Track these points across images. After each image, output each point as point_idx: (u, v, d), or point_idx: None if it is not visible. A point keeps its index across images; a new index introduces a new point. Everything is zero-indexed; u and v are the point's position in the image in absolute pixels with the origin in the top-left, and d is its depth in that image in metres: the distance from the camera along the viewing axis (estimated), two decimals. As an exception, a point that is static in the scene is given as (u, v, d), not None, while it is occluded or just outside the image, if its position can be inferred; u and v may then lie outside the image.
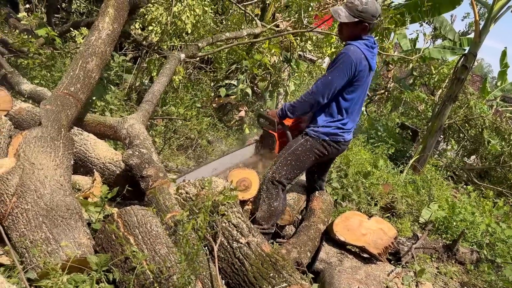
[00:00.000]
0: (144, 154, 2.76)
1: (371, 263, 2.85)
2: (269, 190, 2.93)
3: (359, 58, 2.78)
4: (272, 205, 2.91)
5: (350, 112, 2.94)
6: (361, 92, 2.93)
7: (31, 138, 2.46)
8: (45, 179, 2.22)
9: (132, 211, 2.04)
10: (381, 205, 4.56)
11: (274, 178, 2.93)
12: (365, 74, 2.87)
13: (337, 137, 2.94)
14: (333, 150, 2.98)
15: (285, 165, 2.94)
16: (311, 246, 2.83)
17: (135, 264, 1.79)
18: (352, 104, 2.91)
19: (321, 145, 2.93)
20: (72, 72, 3.06)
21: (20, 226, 2.03)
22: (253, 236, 2.20)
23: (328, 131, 2.92)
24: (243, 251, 2.13)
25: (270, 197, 2.92)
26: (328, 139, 2.93)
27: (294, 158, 2.94)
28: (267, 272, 2.05)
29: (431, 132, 7.46)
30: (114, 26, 3.41)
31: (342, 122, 2.93)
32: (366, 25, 2.84)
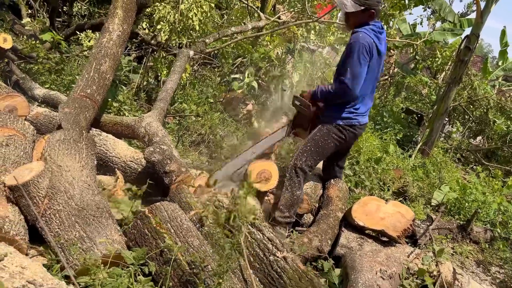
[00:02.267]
0: (165, 150, 2.82)
1: (391, 246, 2.92)
2: (292, 178, 3.03)
3: (370, 43, 2.83)
4: (295, 193, 3.01)
5: (362, 96, 2.98)
6: (371, 76, 2.96)
7: (55, 142, 2.53)
8: (73, 180, 2.29)
9: (162, 207, 2.11)
10: (393, 190, 4.62)
11: (296, 166, 3.03)
12: (374, 60, 2.91)
13: (351, 120, 3.01)
14: (349, 134, 3.05)
15: (305, 151, 3.05)
16: (331, 234, 2.90)
17: (170, 256, 1.86)
18: (363, 88, 2.94)
19: (337, 130, 3.02)
20: (87, 75, 3.12)
21: (54, 227, 2.10)
22: (287, 252, 2.24)
23: (342, 116, 3.00)
24: (281, 265, 2.15)
25: (293, 185, 3.02)
26: (343, 123, 3.01)
27: (313, 144, 3.04)
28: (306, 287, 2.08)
29: (437, 115, 7.48)
30: (124, 27, 3.46)
31: (354, 107, 3.00)
32: (373, 12, 2.89)
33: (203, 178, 2.80)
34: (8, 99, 3.24)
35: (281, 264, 2.20)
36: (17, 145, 2.41)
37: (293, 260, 2.23)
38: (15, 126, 2.50)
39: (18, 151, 2.39)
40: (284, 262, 2.20)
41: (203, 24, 4.38)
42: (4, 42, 4.31)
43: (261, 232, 2.30)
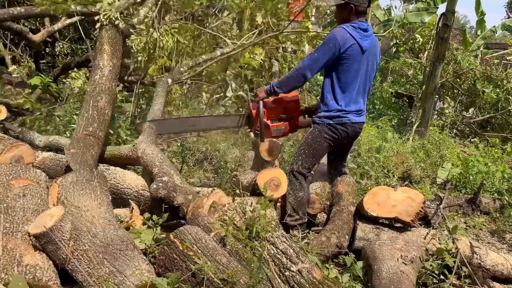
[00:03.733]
0: (167, 182, 2.89)
1: (406, 231, 3.00)
2: (292, 182, 3.14)
3: (344, 37, 2.92)
4: (298, 195, 3.12)
5: (349, 93, 3.04)
6: (356, 72, 3.01)
7: (68, 184, 2.59)
8: (93, 219, 2.35)
9: (186, 230, 2.19)
10: (398, 176, 4.71)
11: (293, 170, 3.15)
12: (356, 54, 2.97)
13: (341, 119, 3.06)
14: (341, 132, 3.10)
15: (300, 155, 3.15)
16: (347, 229, 2.99)
17: (202, 276, 1.93)
18: (348, 85, 3.01)
19: (328, 129, 3.08)
20: (87, 113, 3.19)
21: (84, 267, 2.16)
22: (302, 263, 2.29)
23: (330, 115, 3.07)
24: (296, 280, 2.22)
25: (294, 188, 3.13)
26: (333, 122, 3.07)
27: (306, 147, 3.14)
28: None
29: (427, 95, 7.62)
30: (114, 61, 3.54)
31: (342, 107, 3.05)
32: (352, 7, 2.97)
33: (216, 194, 2.87)
34: (13, 149, 3.30)
35: (297, 279, 2.26)
36: (33, 194, 2.47)
37: (308, 271, 2.30)
38: (28, 176, 2.56)
39: (35, 200, 2.45)
40: (299, 276, 2.27)
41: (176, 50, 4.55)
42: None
43: (274, 245, 2.38)
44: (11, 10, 4.86)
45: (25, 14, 4.93)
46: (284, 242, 2.42)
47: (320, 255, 2.77)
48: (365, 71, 3.08)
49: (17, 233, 2.22)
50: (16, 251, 2.14)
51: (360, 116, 3.17)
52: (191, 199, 2.84)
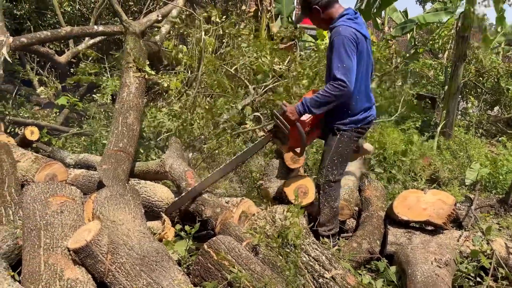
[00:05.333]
0: None
1: (439, 234, 2.96)
2: (328, 193, 2.98)
3: (352, 32, 2.75)
4: (333, 206, 3.00)
5: (365, 89, 2.93)
6: (366, 64, 2.90)
7: (103, 199, 2.67)
8: (129, 232, 2.42)
9: (219, 240, 2.23)
10: (425, 178, 4.65)
11: (330, 180, 2.97)
12: (364, 46, 2.84)
13: (366, 119, 2.98)
14: (367, 129, 3.07)
15: (334, 165, 2.97)
16: (378, 234, 2.97)
17: (238, 285, 1.96)
18: (363, 80, 2.88)
19: (356, 133, 2.97)
20: (116, 130, 3.29)
21: (122, 279, 2.22)
22: (335, 269, 2.28)
23: (356, 119, 2.93)
24: (331, 287, 2.21)
25: (329, 199, 2.99)
26: (360, 124, 2.96)
27: (338, 156, 2.97)
28: None
29: (450, 95, 7.50)
30: (140, 78, 3.64)
31: (363, 106, 2.94)
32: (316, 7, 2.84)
33: (244, 204, 2.91)
34: (47, 168, 3.42)
35: (331, 285, 2.25)
36: (70, 210, 2.56)
37: (342, 277, 2.29)
38: (64, 193, 2.65)
39: (72, 216, 2.54)
40: (333, 283, 2.26)
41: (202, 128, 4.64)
42: (31, 134, 4.59)
43: (306, 252, 2.38)
44: (38, 34, 5.09)
45: (52, 37, 5.15)
46: (315, 249, 2.43)
47: (352, 261, 2.77)
48: (370, 61, 2.98)
49: (57, 248, 2.30)
50: (57, 266, 2.22)
51: (373, 107, 3.09)
52: (219, 212, 2.87)
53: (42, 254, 2.25)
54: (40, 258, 2.23)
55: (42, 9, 8.19)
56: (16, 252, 2.45)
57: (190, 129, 4.54)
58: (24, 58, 7.29)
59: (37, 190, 2.57)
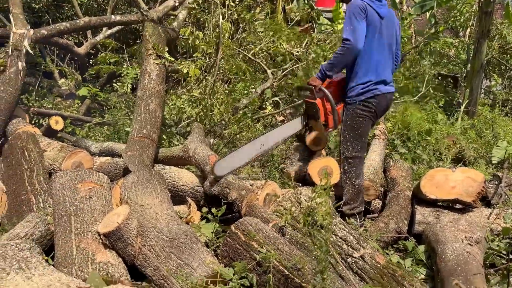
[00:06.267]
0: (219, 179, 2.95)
1: (468, 212, 2.91)
2: (347, 170, 3.03)
3: (362, 4, 2.89)
4: (355, 183, 3.01)
5: (374, 64, 2.97)
6: (379, 41, 2.96)
7: (130, 184, 2.71)
8: (157, 215, 2.44)
9: (246, 222, 2.23)
10: (451, 157, 4.56)
11: (347, 157, 3.03)
12: (376, 21, 2.93)
13: (371, 91, 2.98)
14: (376, 105, 3.01)
15: (347, 140, 3.03)
16: (405, 214, 2.93)
17: (268, 264, 1.96)
18: (372, 56, 2.95)
19: (362, 106, 2.99)
20: (139, 117, 3.31)
21: (152, 261, 2.25)
22: (363, 248, 2.26)
23: (360, 91, 2.98)
24: (360, 266, 2.19)
25: (350, 176, 3.03)
26: (364, 98, 2.98)
27: (349, 130, 3.03)
28: (389, 285, 2.09)
29: (474, 73, 7.30)
30: (160, 65, 3.65)
31: (367, 78, 2.97)
32: None
33: (269, 186, 2.90)
34: (73, 156, 3.48)
35: (360, 265, 2.23)
36: (98, 196, 2.60)
37: (371, 256, 2.26)
38: (92, 179, 2.69)
39: (101, 201, 2.58)
40: (363, 262, 2.24)
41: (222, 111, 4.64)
42: (56, 124, 4.69)
43: (333, 233, 2.36)
44: (57, 25, 5.12)
45: (71, 28, 5.18)
46: (343, 229, 2.41)
47: (379, 241, 2.74)
48: (387, 40, 3.02)
49: (87, 233, 2.35)
50: (88, 249, 2.26)
51: (389, 86, 3.09)
52: (244, 194, 2.87)
53: (74, 239, 2.30)
54: (72, 243, 2.28)
55: (59, 2, 8.28)
56: (48, 237, 2.50)
57: (210, 115, 4.55)
58: (44, 51, 7.38)
59: (66, 177, 2.62)
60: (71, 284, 1.79)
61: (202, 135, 3.63)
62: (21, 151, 3.21)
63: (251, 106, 4.85)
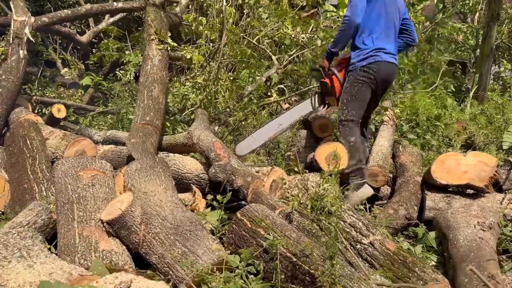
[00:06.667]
0: (225, 166, 2.89)
1: (480, 197, 2.83)
2: (342, 131, 3.16)
3: None
4: (350, 140, 3.08)
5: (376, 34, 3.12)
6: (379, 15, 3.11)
7: (133, 172, 2.65)
8: (161, 203, 2.39)
9: (252, 208, 2.17)
10: (460, 143, 4.47)
11: (342, 120, 3.15)
12: None
13: (372, 57, 3.08)
14: (376, 72, 3.08)
15: (344, 104, 3.16)
16: (415, 200, 2.86)
17: (275, 251, 1.90)
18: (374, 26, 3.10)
19: (363, 72, 3.09)
20: (142, 104, 3.25)
21: (157, 249, 2.20)
22: (373, 235, 2.20)
23: (362, 57, 3.10)
24: (369, 253, 2.14)
25: (345, 136, 3.12)
26: (365, 63, 3.09)
27: (347, 95, 3.15)
28: (400, 271, 2.04)
29: (483, 57, 7.16)
30: (163, 51, 3.57)
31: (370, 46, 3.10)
32: None
33: (275, 172, 2.84)
34: (76, 144, 3.43)
35: (370, 251, 2.17)
36: (101, 183, 2.55)
37: (380, 242, 2.20)
38: (94, 166, 2.64)
39: (103, 188, 2.53)
40: (372, 248, 2.18)
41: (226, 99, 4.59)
42: (58, 112, 4.64)
43: (342, 219, 2.29)
44: (59, 13, 5.05)
45: (72, 16, 5.11)
46: (351, 215, 2.34)
47: (389, 228, 2.68)
48: (388, 14, 3.15)
49: (90, 221, 2.30)
50: (91, 238, 2.22)
51: (391, 56, 3.16)
52: (250, 180, 2.81)
53: (76, 227, 2.25)
54: (75, 231, 2.23)
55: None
56: (51, 226, 2.46)
57: (215, 102, 4.47)
58: (46, 40, 7.31)
59: (68, 165, 2.57)
60: (73, 272, 1.74)
61: (206, 121, 3.56)
62: (23, 140, 3.17)
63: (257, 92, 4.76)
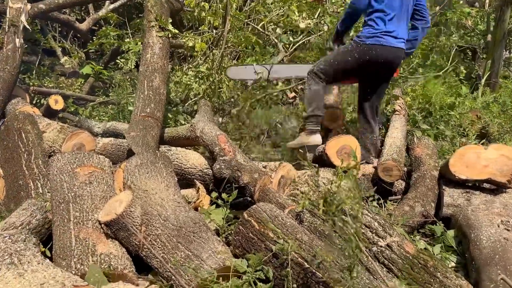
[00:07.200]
0: (230, 161, 2.73)
1: (502, 193, 2.66)
2: (308, 81, 3.30)
3: None
4: (312, 88, 3.23)
5: (387, 16, 3.08)
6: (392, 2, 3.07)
7: (133, 168, 2.50)
8: (163, 202, 2.24)
9: (259, 208, 2.02)
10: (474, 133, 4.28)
11: (311, 70, 3.28)
12: None
13: (378, 39, 3.08)
14: (374, 53, 3.09)
15: (324, 61, 3.27)
16: (432, 196, 2.70)
17: (285, 256, 1.75)
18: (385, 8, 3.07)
19: (362, 49, 3.11)
20: (142, 94, 3.09)
21: (158, 252, 2.06)
22: (390, 236, 2.05)
23: (369, 35, 3.11)
24: (387, 255, 1.99)
25: (308, 84, 3.28)
26: (369, 42, 3.09)
27: (333, 55, 3.28)
28: (421, 277, 1.90)
29: (495, 43, 6.92)
30: (163, 38, 3.39)
31: (381, 28, 3.09)
32: None
33: (283, 168, 2.68)
34: (74, 137, 3.28)
35: (387, 255, 2.02)
36: (99, 181, 2.40)
37: (399, 245, 2.05)
38: (92, 162, 2.48)
39: (101, 186, 2.38)
40: (390, 251, 2.02)
41: None
42: (56, 103, 4.50)
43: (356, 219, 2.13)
44: (56, 0, 4.86)
45: (70, 2, 4.93)
46: (366, 215, 2.19)
47: (405, 226, 2.52)
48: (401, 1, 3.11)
49: (87, 221, 2.16)
50: (89, 240, 2.07)
51: (399, 41, 3.14)
52: (257, 177, 2.64)
53: (73, 228, 2.11)
54: (71, 233, 2.09)
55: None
56: (46, 226, 2.31)
57: (219, 91, 4.30)
58: (45, 28, 7.13)
59: (63, 161, 2.41)
60: (66, 282, 1.60)
61: (210, 113, 3.39)
62: (17, 133, 3.01)
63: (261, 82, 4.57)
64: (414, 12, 3.26)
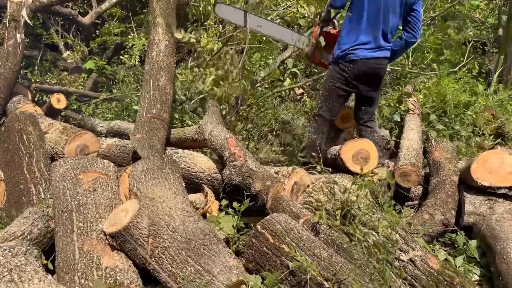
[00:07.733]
0: (241, 167, 2.59)
1: (527, 201, 2.53)
2: (311, 125, 3.31)
3: None
4: (311, 138, 3.22)
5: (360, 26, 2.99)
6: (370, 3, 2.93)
7: (139, 173, 2.38)
8: (171, 211, 2.12)
9: (274, 220, 1.90)
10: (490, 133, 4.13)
11: (314, 114, 3.29)
12: None
13: (348, 56, 3.04)
14: (349, 69, 3.05)
15: (319, 98, 3.29)
16: (452, 203, 2.58)
17: (303, 274, 1.63)
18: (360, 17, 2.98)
19: (339, 69, 3.09)
20: (148, 94, 2.96)
21: (167, 266, 1.95)
22: (413, 250, 1.93)
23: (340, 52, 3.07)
24: (410, 271, 1.88)
25: (309, 131, 3.30)
26: (342, 60, 3.08)
27: (323, 89, 3.25)
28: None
29: (508, 38, 6.74)
30: (169, 35, 3.25)
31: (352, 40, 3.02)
32: None
33: (297, 174, 2.55)
34: (77, 138, 3.16)
35: (410, 270, 1.89)
36: (104, 187, 2.28)
37: (422, 259, 1.92)
38: (96, 168, 2.36)
39: (106, 193, 2.26)
40: (412, 266, 1.90)
41: None
42: (58, 102, 4.38)
43: (375, 230, 2.01)
44: (58, -8, 4.72)
45: (72, -5, 4.76)
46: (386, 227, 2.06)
47: (424, 235, 2.40)
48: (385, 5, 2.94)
49: (91, 232, 2.04)
50: (93, 253, 1.96)
51: (373, 51, 3.03)
52: (269, 185, 2.50)
53: (76, 240, 2.00)
54: (74, 245, 1.98)
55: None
56: (48, 235, 2.21)
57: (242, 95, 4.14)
58: (48, 22, 6.97)
59: (66, 167, 2.30)
60: (69, 303, 1.49)
61: (218, 114, 3.25)
62: (18, 135, 2.89)
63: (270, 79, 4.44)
64: (406, 21, 3.11)
